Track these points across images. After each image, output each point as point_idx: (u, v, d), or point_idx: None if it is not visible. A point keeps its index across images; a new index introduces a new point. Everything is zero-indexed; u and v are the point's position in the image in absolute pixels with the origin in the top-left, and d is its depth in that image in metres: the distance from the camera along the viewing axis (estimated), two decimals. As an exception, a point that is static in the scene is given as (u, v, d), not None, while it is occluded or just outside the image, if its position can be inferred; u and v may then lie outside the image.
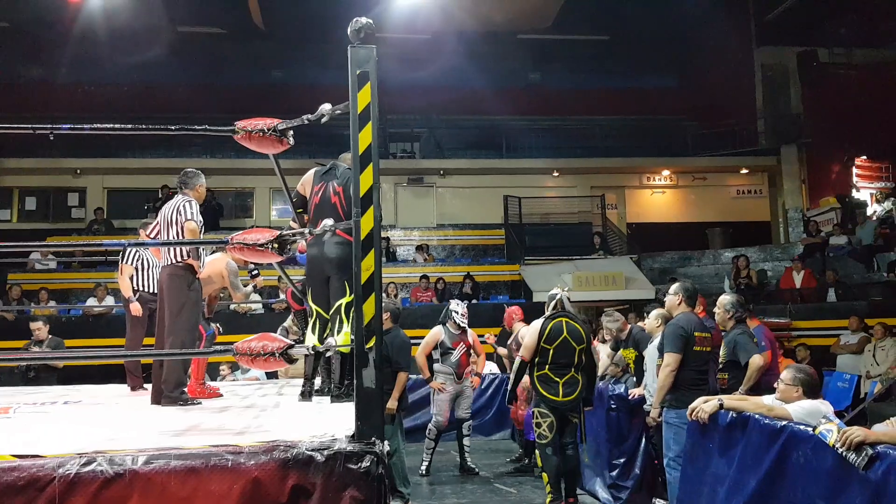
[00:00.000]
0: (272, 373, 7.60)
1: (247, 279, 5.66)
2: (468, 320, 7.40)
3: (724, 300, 5.44)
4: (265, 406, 4.25)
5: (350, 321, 3.78)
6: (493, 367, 9.79)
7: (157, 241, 4.70)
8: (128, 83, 17.48)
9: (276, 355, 2.68)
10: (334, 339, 4.01)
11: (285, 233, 2.98)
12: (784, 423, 3.53)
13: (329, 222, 3.46)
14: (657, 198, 18.88)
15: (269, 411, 3.96)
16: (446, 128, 19.11)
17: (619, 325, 6.55)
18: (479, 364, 7.78)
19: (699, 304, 5.93)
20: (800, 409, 3.67)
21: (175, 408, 4.19)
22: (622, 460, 5.98)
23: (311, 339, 4.28)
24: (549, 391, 5.42)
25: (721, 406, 4.06)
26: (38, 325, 7.84)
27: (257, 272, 5.71)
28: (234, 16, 17.63)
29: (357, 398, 2.63)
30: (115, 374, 6.48)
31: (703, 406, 4.14)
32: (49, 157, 16.39)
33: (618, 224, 17.67)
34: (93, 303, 11.75)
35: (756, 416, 3.76)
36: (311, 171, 4.47)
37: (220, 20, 18.13)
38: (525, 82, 19.70)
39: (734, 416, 3.94)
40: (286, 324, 7.59)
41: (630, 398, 5.90)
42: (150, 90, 17.47)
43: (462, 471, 7.44)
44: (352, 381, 2.99)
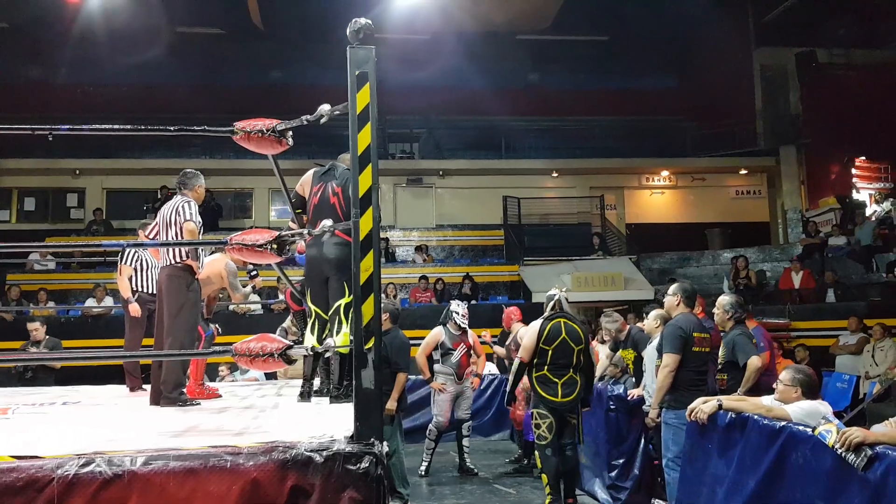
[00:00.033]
0: (271, 373, 7.60)
1: (245, 280, 5.65)
2: (468, 321, 7.41)
3: (723, 301, 5.42)
4: (264, 407, 4.24)
5: (349, 322, 3.78)
6: (492, 368, 9.79)
7: (156, 241, 4.70)
8: (127, 84, 17.48)
9: (275, 356, 2.68)
10: (333, 339, 4.01)
11: (284, 233, 2.98)
12: (783, 423, 3.53)
13: (328, 223, 3.46)
14: (656, 198, 18.89)
15: (268, 412, 3.96)
16: (445, 128, 19.10)
17: (617, 326, 6.55)
18: (480, 365, 7.78)
19: (698, 304, 5.93)
20: (799, 409, 3.68)
21: (174, 409, 4.19)
22: (621, 461, 5.98)
23: (309, 339, 4.28)
24: (547, 392, 5.42)
25: (720, 407, 4.07)
26: (35, 326, 7.81)
27: (256, 273, 5.71)
28: (233, 16, 17.62)
29: (356, 399, 2.63)
30: (114, 375, 6.46)
31: (702, 407, 4.14)
32: (48, 158, 16.38)
33: (617, 224, 17.67)
34: (92, 303, 11.75)
35: (755, 416, 3.76)
36: (310, 171, 4.47)
37: (219, 21, 18.13)
38: (524, 83, 19.70)
39: (733, 416, 3.95)
40: (285, 324, 7.60)
41: (629, 399, 5.90)
42: (150, 91, 17.47)
43: (461, 471, 7.44)
44: (351, 381, 3.00)
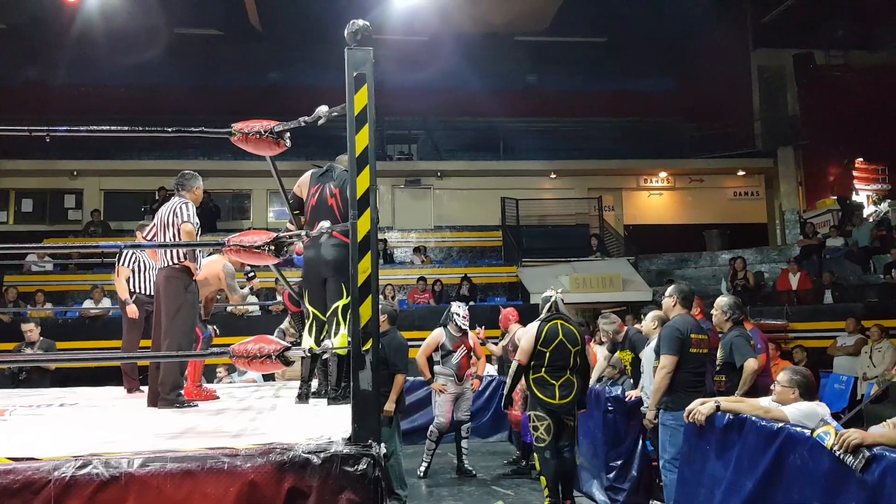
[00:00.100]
0: (269, 375, 7.59)
1: (243, 281, 5.64)
2: (468, 322, 7.41)
3: (722, 302, 5.42)
4: (262, 408, 4.24)
5: (347, 323, 3.78)
6: (491, 369, 9.78)
7: (154, 243, 4.69)
8: (125, 85, 17.48)
9: (273, 357, 2.68)
10: (331, 341, 4.01)
11: (282, 235, 2.98)
12: (781, 425, 3.53)
13: (326, 224, 3.47)
14: (654, 199, 18.90)
15: (266, 414, 3.95)
16: (444, 129, 19.11)
17: (615, 328, 6.55)
18: (480, 367, 7.78)
19: (696, 305, 5.93)
20: (796, 410, 3.68)
21: (171, 410, 4.19)
22: (619, 462, 5.97)
23: (307, 341, 4.27)
24: (545, 394, 5.41)
25: (718, 408, 4.07)
26: (29, 327, 7.77)
27: (253, 274, 5.70)
28: (230, 17, 17.63)
29: (354, 400, 2.62)
30: (111, 377, 6.46)
31: (700, 408, 4.14)
32: (46, 159, 16.36)
33: (615, 226, 17.68)
34: (89, 305, 11.72)
35: (753, 418, 3.76)
36: (308, 172, 4.47)
37: (216, 22, 18.13)
38: (522, 84, 19.71)
39: (731, 417, 3.95)
40: (283, 326, 7.60)
41: (627, 400, 5.90)
42: (147, 92, 17.46)
43: (459, 473, 7.43)
44: (348, 383, 2.99)
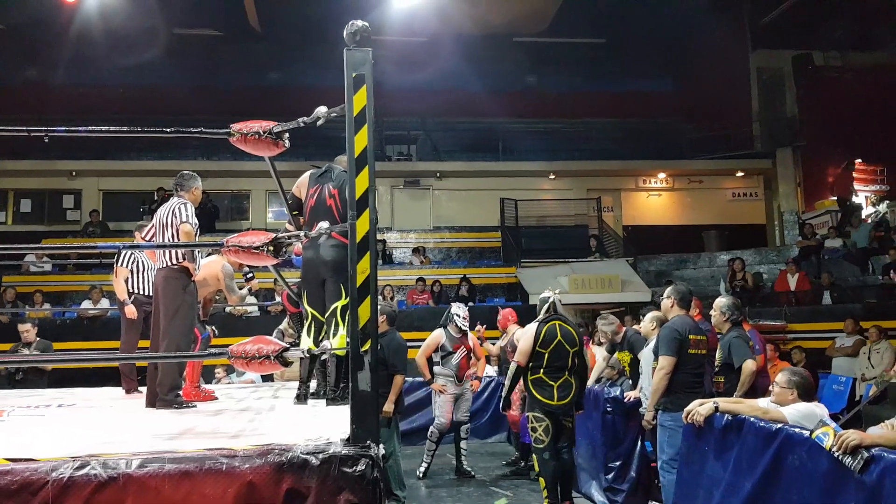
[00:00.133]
0: (268, 376, 7.58)
1: (242, 282, 5.64)
2: (468, 323, 7.41)
3: (721, 303, 5.41)
4: (260, 409, 4.23)
5: (346, 324, 3.78)
6: (491, 370, 9.77)
7: (153, 243, 4.69)
8: (124, 85, 17.47)
9: (272, 358, 2.68)
10: (330, 342, 4.01)
11: (281, 235, 2.98)
12: (779, 426, 3.53)
13: (324, 225, 3.46)
14: (653, 200, 18.91)
15: (265, 414, 3.95)
16: (443, 130, 19.11)
17: (613, 329, 6.55)
18: (480, 368, 7.78)
19: (695, 306, 5.94)
20: (795, 412, 3.68)
21: (170, 411, 4.18)
22: (618, 463, 5.98)
23: (306, 341, 4.27)
24: (543, 395, 5.41)
25: (716, 409, 4.07)
26: (26, 328, 7.74)
27: (252, 275, 5.69)
28: (230, 18, 17.63)
29: (352, 401, 2.62)
30: (109, 377, 6.45)
31: (699, 409, 4.14)
32: (44, 159, 16.34)
33: (614, 227, 17.68)
34: (88, 305, 11.70)
35: (751, 419, 3.76)
36: (307, 173, 4.47)
37: (216, 22, 18.13)
38: (522, 85, 19.72)
39: (729, 418, 3.95)
40: (282, 326, 7.59)
41: (626, 401, 5.90)
42: (146, 92, 17.44)
43: (458, 474, 7.43)
44: (347, 384, 2.99)
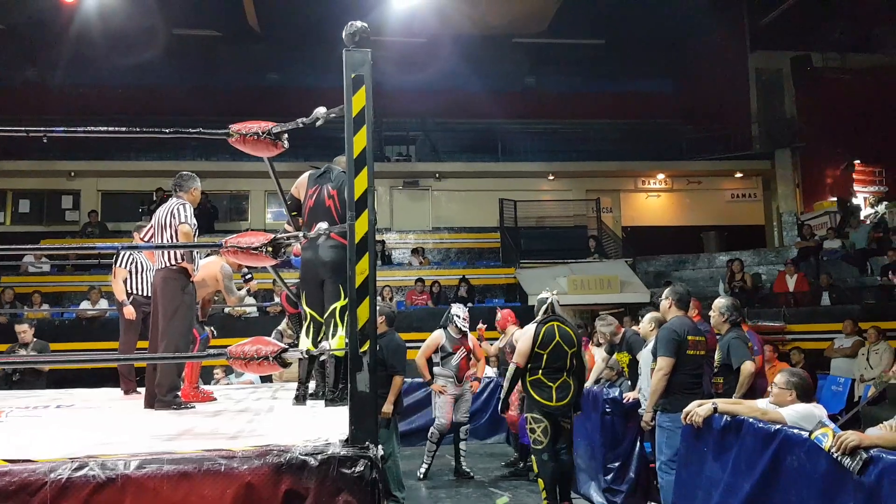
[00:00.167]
0: (267, 376, 7.57)
1: (241, 283, 5.63)
2: (468, 324, 7.41)
3: (720, 304, 5.41)
4: (259, 410, 4.23)
5: (344, 325, 3.78)
6: (490, 371, 9.77)
7: (151, 244, 4.68)
8: (123, 85, 17.45)
9: (270, 359, 2.68)
10: (328, 342, 4.00)
11: (279, 236, 2.97)
12: (778, 426, 3.53)
13: (323, 226, 3.46)
14: (652, 201, 18.92)
15: (263, 415, 3.94)
16: (442, 131, 19.11)
17: (612, 329, 6.56)
18: (479, 369, 7.78)
19: (694, 307, 5.93)
20: (794, 412, 3.68)
21: (168, 412, 4.18)
22: (617, 464, 5.98)
23: (305, 342, 4.26)
24: (542, 396, 5.40)
25: (715, 410, 4.07)
26: (23, 328, 7.72)
27: (250, 276, 5.68)
28: (229, 18, 17.62)
29: (351, 402, 2.62)
30: (108, 378, 6.45)
31: (698, 410, 4.15)
32: (43, 160, 16.34)
33: (613, 227, 17.68)
34: (86, 306, 11.69)
35: (750, 419, 3.76)
36: (306, 174, 4.47)
37: (215, 23, 18.12)
38: (521, 86, 19.73)
39: (728, 419, 3.95)
40: (281, 327, 7.58)
41: (624, 402, 5.90)
42: (145, 92, 17.43)
43: (457, 475, 7.43)
44: (346, 385, 2.99)
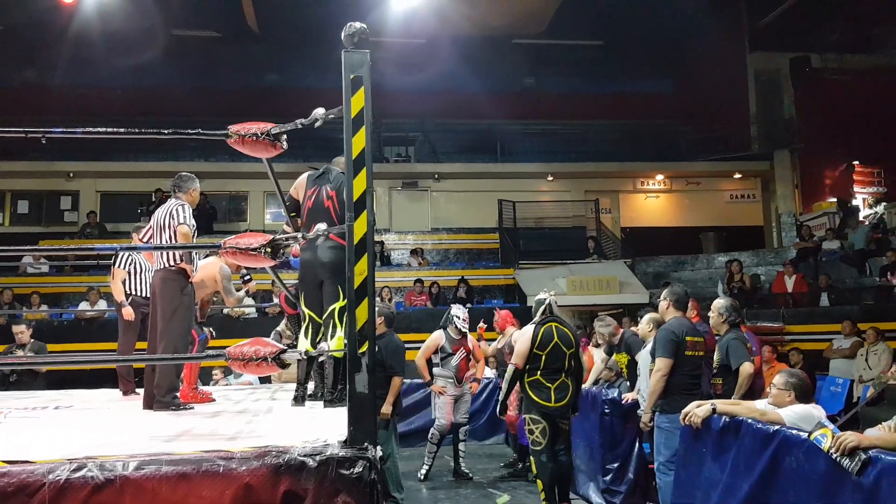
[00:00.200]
0: (265, 377, 7.57)
1: (239, 283, 5.63)
2: (468, 325, 7.41)
3: (719, 304, 5.41)
4: (258, 411, 4.23)
5: (343, 326, 3.78)
6: (490, 372, 9.76)
7: (150, 245, 4.68)
8: (122, 86, 17.44)
9: (269, 360, 2.68)
10: (327, 343, 4.00)
11: (278, 237, 2.98)
12: (777, 427, 3.54)
13: (322, 227, 3.46)
14: (651, 202, 18.93)
15: (262, 416, 3.94)
16: (441, 132, 19.11)
17: (611, 330, 6.56)
18: (479, 369, 7.77)
19: (692, 308, 5.93)
20: (792, 413, 3.68)
21: (167, 413, 4.17)
22: (616, 465, 5.98)
23: (303, 343, 4.26)
24: (541, 397, 5.39)
25: (714, 410, 4.07)
26: (20, 329, 7.70)
27: (249, 277, 5.67)
28: (228, 19, 17.61)
29: (350, 403, 2.62)
30: (107, 379, 6.44)
31: (696, 410, 4.15)
32: (42, 161, 16.32)
33: (612, 228, 17.69)
34: (85, 307, 11.68)
35: (749, 420, 3.76)
36: (305, 174, 4.46)
37: (214, 23, 18.12)
38: (520, 86, 19.73)
39: (727, 420, 3.95)
40: (279, 328, 7.57)
41: (623, 403, 5.91)
42: (145, 93, 17.42)
43: (456, 476, 7.43)
44: (345, 385, 2.99)
